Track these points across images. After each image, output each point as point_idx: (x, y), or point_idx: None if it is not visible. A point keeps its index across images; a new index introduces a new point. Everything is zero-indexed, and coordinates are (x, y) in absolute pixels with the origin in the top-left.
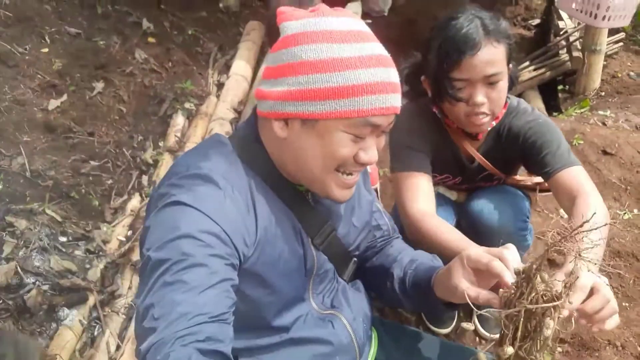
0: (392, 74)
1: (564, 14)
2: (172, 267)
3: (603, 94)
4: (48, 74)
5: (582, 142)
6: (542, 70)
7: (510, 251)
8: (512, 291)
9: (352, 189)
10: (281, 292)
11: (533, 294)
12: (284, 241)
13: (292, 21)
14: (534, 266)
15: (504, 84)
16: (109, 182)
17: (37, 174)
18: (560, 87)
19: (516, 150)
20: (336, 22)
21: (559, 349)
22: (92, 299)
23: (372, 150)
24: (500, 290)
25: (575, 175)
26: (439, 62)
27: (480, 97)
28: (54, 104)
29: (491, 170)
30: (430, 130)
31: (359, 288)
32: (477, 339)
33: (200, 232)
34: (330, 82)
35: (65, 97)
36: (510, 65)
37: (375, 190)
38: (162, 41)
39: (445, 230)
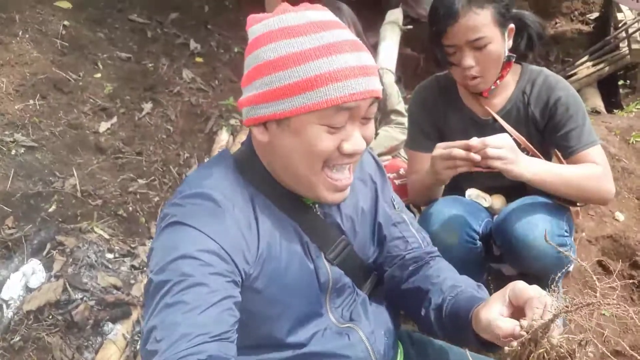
0: (360, 58)
1: (623, 6)
2: (173, 288)
3: None
4: (100, 97)
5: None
6: (601, 65)
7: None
8: (519, 347)
9: (344, 192)
10: (291, 308)
11: (541, 351)
12: (291, 256)
13: (255, 25)
14: (539, 330)
15: (493, 46)
16: (156, 199)
17: (88, 194)
18: (620, 82)
19: (540, 110)
20: (294, 18)
21: None
22: (135, 314)
23: (354, 139)
24: (506, 348)
25: (595, 157)
26: (430, 31)
27: (467, 60)
28: (104, 126)
29: (513, 134)
30: (444, 100)
31: (381, 301)
32: None
33: (199, 251)
34: (292, 77)
35: (115, 119)
36: (512, 25)
37: None
38: (208, 60)
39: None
